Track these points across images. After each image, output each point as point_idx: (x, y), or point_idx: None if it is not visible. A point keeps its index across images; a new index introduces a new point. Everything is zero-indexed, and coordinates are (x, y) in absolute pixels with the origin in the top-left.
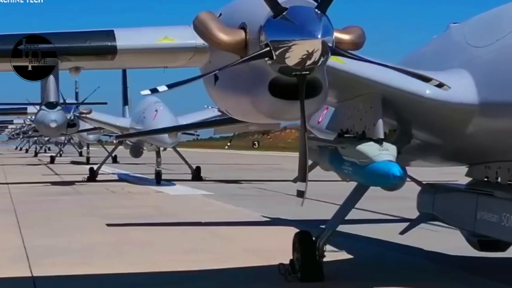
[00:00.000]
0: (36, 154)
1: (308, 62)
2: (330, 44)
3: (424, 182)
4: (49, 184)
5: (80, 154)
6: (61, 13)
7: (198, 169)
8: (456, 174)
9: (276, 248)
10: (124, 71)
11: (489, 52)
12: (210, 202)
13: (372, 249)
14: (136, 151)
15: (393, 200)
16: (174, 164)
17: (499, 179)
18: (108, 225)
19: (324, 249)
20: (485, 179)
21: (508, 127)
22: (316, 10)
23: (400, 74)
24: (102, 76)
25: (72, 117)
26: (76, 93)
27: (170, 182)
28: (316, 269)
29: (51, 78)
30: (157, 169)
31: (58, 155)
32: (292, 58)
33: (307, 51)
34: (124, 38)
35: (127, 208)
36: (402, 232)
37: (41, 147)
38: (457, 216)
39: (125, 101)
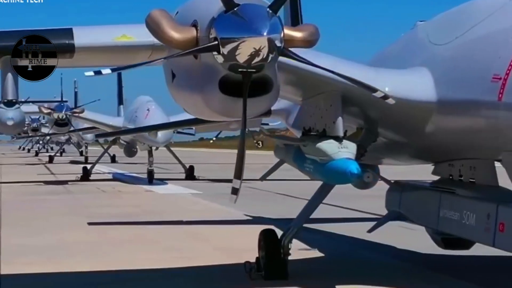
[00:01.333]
0: (37, 154)
1: (256, 60)
2: (278, 42)
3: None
4: (42, 183)
5: (81, 153)
6: (61, 13)
7: (191, 168)
8: None
9: (249, 246)
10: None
11: (448, 49)
12: (196, 201)
13: (345, 247)
14: (130, 151)
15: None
16: (170, 163)
17: (462, 177)
18: (90, 223)
19: (289, 247)
20: (449, 177)
21: (465, 126)
22: (268, 9)
23: (359, 71)
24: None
25: (64, 117)
26: (75, 93)
27: (162, 181)
28: (280, 267)
29: (9, 76)
30: (149, 168)
31: (58, 154)
32: (241, 55)
33: (254, 48)
34: (82, 36)
35: (114, 207)
36: (369, 231)
37: (42, 147)
38: (422, 214)
39: (120, 101)
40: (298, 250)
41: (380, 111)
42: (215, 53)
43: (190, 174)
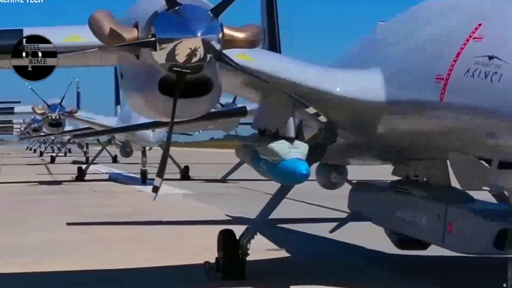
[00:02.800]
0: (41, 154)
1: (194, 60)
2: (215, 44)
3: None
4: (37, 183)
5: (85, 153)
6: (61, 13)
7: (186, 168)
8: None
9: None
10: (115, 70)
11: (399, 50)
12: (184, 201)
13: (314, 247)
14: (124, 151)
15: None
16: (168, 164)
17: (417, 177)
18: (69, 224)
19: (248, 247)
20: (406, 177)
21: (412, 126)
22: (209, 11)
23: (309, 71)
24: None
25: (57, 117)
26: (78, 93)
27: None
28: (238, 268)
29: None
30: (143, 168)
31: (62, 154)
32: (179, 55)
33: (190, 48)
34: None
35: (101, 207)
36: (331, 231)
37: (47, 147)
38: (380, 214)
39: (117, 101)
40: (266, 251)
41: (331, 111)
42: (154, 52)
43: (185, 174)
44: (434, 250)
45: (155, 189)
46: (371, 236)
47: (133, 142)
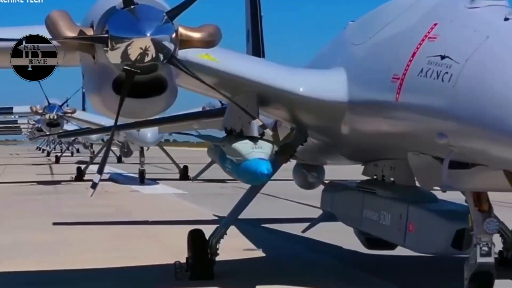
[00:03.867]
0: (48, 154)
1: (147, 60)
2: (167, 44)
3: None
4: (35, 183)
5: (92, 153)
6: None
7: (185, 168)
8: None
9: None
10: None
11: (362, 50)
12: (175, 201)
13: (291, 247)
14: (122, 151)
15: None
16: (169, 163)
17: (384, 177)
18: (54, 224)
19: (217, 247)
20: (374, 177)
21: (372, 126)
22: (163, 12)
23: (274, 71)
24: None
25: (55, 117)
26: (83, 94)
27: (155, 181)
28: (206, 268)
29: None
30: (141, 168)
31: (69, 153)
32: (131, 55)
33: (141, 48)
34: None
35: (87, 207)
36: (303, 231)
37: (55, 147)
38: (348, 214)
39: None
40: (243, 250)
41: (296, 110)
42: (107, 52)
43: (184, 174)
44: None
45: (93, 186)
46: (349, 236)
47: (130, 142)
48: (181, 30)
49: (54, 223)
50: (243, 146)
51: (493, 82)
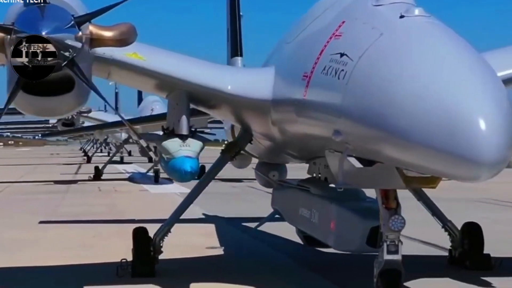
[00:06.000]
0: (85, 153)
1: (49, 58)
2: (72, 43)
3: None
4: (51, 182)
5: (129, 153)
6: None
7: (202, 168)
8: None
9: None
10: None
11: (288, 48)
12: (176, 200)
13: (256, 245)
14: (142, 150)
15: None
16: None
17: (320, 176)
18: (40, 222)
19: (161, 245)
20: (313, 175)
21: (291, 124)
22: (71, 14)
23: (203, 70)
24: None
25: (69, 117)
26: (116, 93)
27: (171, 180)
28: (148, 266)
29: None
30: (155, 168)
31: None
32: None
33: (40, 46)
34: None
35: (87, 206)
36: (255, 227)
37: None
38: (289, 212)
39: (140, 100)
40: (206, 248)
41: (228, 110)
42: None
43: (201, 174)
44: None
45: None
46: None
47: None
48: (92, 29)
49: (40, 222)
50: (172, 144)
51: (380, 80)
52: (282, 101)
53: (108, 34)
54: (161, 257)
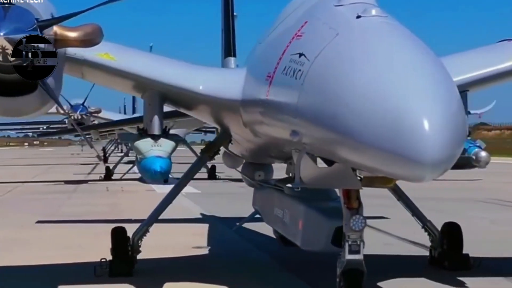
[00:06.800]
0: (104, 153)
1: (8, 58)
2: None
3: None
4: (62, 182)
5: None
6: (61, 13)
7: (213, 167)
8: None
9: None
10: None
11: (259, 49)
12: (180, 200)
13: (242, 245)
14: None
15: None
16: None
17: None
18: (38, 222)
19: (139, 244)
20: (289, 175)
21: (258, 124)
22: (36, 17)
23: (175, 70)
24: None
25: (79, 117)
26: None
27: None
28: (126, 265)
29: None
30: None
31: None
32: None
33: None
34: None
35: (90, 206)
36: (234, 227)
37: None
38: (265, 212)
39: None
40: (192, 248)
41: (201, 110)
42: None
43: (212, 174)
44: None
45: None
46: None
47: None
48: (56, 29)
49: (37, 221)
50: (143, 144)
51: (332, 80)
52: (250, 102)
53: (72, 34)
54: (143, 257)
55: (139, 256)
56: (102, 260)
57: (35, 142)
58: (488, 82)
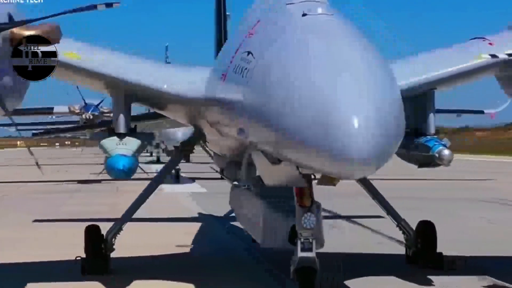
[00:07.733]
0: None
1: None
2: None
3: None
4: (75, 182)
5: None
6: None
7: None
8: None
9: (143, 243)
10: None
11: (224, 48)
12: (181, 200)
13: (230, 243)
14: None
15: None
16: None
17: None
18: (34, 221)
19: (113, 242)
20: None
21: (221, 125)
22: None
23: (140, 68)
24: None
25: (90, 117)
26: None
27: (193, 180)
28: (100, 263)
29: None
30: (176, 167)
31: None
32: None
33: None
34: None
35: (90, 206)
36: (227, 227)
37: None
38: (237, 210)
39: None
40: (176, 246)
41: (168, 108)
42: None
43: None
44: None
45: None
46: None
47: (161, 142)
48: (13, 29)
49: (34, 221)
50: (109, 143)
51: (273, 78)
52: (210, 100)
53: (29, 33)
54: (124, 255)
55: (125, 255)
56: (77, 258)
57: (66, 142)
58: (456, 80)
